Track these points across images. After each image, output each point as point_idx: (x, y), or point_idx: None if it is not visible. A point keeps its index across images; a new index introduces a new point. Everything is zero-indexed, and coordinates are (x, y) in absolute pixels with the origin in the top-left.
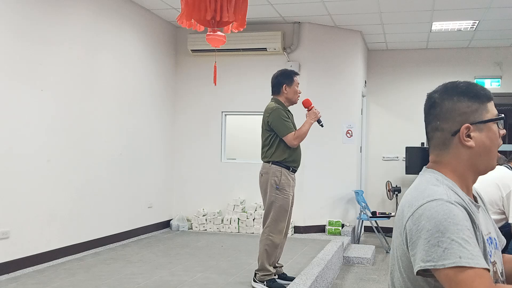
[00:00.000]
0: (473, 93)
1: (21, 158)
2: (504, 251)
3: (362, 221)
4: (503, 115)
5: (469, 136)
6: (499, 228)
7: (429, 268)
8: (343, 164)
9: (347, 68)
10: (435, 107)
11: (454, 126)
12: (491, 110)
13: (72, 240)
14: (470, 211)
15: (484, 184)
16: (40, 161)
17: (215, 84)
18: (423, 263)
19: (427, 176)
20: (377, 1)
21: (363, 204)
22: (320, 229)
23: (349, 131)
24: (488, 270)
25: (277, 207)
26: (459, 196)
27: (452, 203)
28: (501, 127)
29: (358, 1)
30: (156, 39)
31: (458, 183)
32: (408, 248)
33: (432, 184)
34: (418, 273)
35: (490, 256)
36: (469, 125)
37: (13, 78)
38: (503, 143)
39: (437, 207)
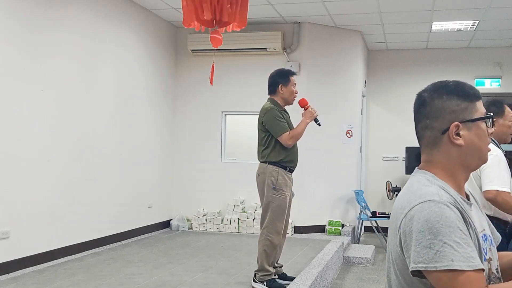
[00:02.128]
0: (462, 92)
1: (21, 158)
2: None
3: (362, 221)
4: (491, 114)
5: (458, 134)
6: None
7: (421, 269)
8: (343, 164)
9: (347, 68)
10: (425, 106)
11: (443, 124)
12: (480, 108)
13: (72, 240)
14: (462, 210)
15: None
16: (40, 161)
17: (211, 84)
18: (414, 264)
19: (419, 177)
20: (377, 1)
21: (363, 204)
22: (320, 229)
23: (349, 131)
24: (483, 270)
25: (274, 207)
26: (451, 196)
27: (444, 204)
28: (489, 126)
29: (358, 1)
30: (156, 39)
31: (449, 182)
32: (402, 250)
33: (423, 185)
34: (414, 274)
35: (486, 253)
36: (458, 123)
37: (13, 78)
38: (509, 142)
39: (429, 208)
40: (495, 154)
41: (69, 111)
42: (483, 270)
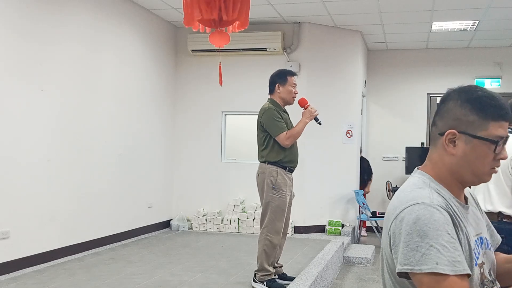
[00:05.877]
0: (480, 106)
1: (21, 158)
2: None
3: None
4: (499, 141)
5: (453, 142)
6: None
7: (407, 271)
8: (343, 164)
9: (347, 68)
10: (442, 102)
11: (444, 127)
12: (492, 130)
13: (72, 240)
14: (453, 214)
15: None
16: (41, 161)
17: (221, 85)
18: (400, 266)
19: (415, 179)
20: (377, 1)
21: (363, 204)
22: (320, 229)
23: (349, 131)
24: (468, 275)
25: (273, 207)
26: (445, 199)
27: (433, 207)
28: (498, 151)
29: (358, 1)
30: (156, 39)
31: (445, 185)
32: (391, 251)
33: (417, 187)
34: (401, 276)
35: (477, 258)
36: (454, 131)
37: (13, 78)
38: None
39: (419, 211)
40: None
41: (69, 111)
42: (468, 275)
